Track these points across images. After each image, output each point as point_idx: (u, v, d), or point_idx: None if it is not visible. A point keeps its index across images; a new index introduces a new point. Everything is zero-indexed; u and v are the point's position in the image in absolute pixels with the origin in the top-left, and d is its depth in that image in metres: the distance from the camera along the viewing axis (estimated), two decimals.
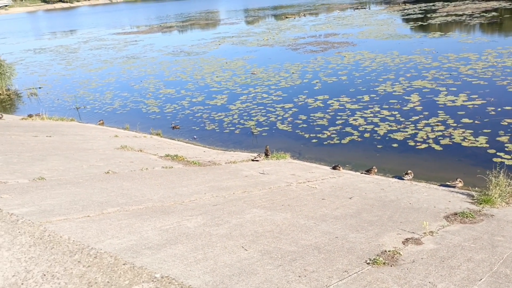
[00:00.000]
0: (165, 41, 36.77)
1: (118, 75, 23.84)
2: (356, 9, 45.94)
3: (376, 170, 9.21)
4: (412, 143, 10.71)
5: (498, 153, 9.55)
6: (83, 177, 6.70)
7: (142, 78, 22.33)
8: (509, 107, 12.18)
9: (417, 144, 10.61)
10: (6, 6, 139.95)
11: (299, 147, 11.50)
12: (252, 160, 9.86)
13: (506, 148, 9.74)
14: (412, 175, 8.83)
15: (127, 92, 19.67)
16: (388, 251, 4.22)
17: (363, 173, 9.27)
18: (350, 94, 15.44)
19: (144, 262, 3.61)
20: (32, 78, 25.09)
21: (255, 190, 6.75)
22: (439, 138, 10.75)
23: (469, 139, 10.46)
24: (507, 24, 26.70)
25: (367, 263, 3.92)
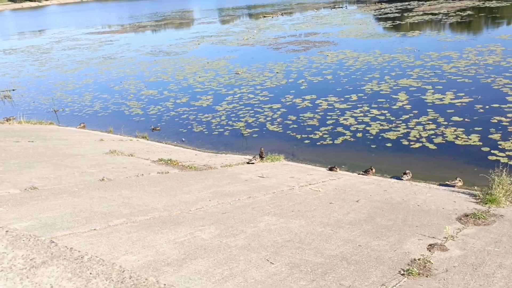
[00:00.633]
0: (142, 41, 36.06)
1: (96, 76, 23.16)
2: (333, 8, 46.18)
3: (374, 171, 9.11)
4: (406, 142, 10.68)
5: (493, 151, 9.59)
6: (78, 186, 6.32)
7: (122, 79, 21.75)
8: (497, 105, 12.30)
9: (411, 143, 10.58)
10: None
11: (292, 148, 11.32)
12: (248, 163, 9.61)
13: (500, 146, 9.80)
14: (411, 175, 8.76)
15: (107, 94, 19.10)
16: (418, 260, 4.06)
17: (361, 174, 9.15)
18: (338, 94, 15.36)
19: (169, 281, 3.33)
20: (4, 80, 24.17)
21: (260, 195, 6.52)
22: (432, 137, 10.75)
23: (462, 137, 10.49)
24: (482, 23, 27.23)
25: (402, 274, 3.74)
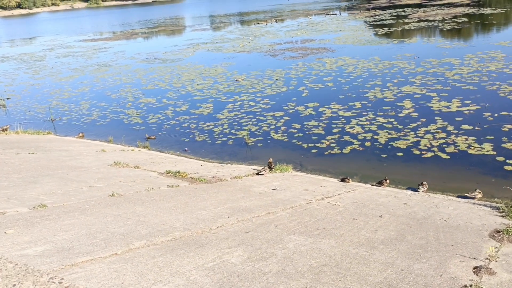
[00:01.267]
0: (136, 48, 35.71)
1: (92, 84, 22.75)
2: (327, 15, 46.19)
3: (389, 182, 8.86)
4: (417, 152, 10.44)
5: (508, 161, 9.38)
6: (88, 202, 5.98)
7: (118, 87, 21.38)
8: (505, 113, 12.15)
9: (423, 153, 10.35)
10: None
11: (300, 158, 11.04)
12: (257, 174, 9.31)
13: None
14: (427, 186, 8.51)
15: (105, 102, 18.71)
16: (469, 286, 3.79)
17: (375, 185, 8.90)
18: (341, 101, 15.14)
19: None
20: None
21: (279, 211, 6.22)
22: (444, 146, 10.53)
23: (474, 147, 10.29)
24: (479, 29, 27.29)
25: None
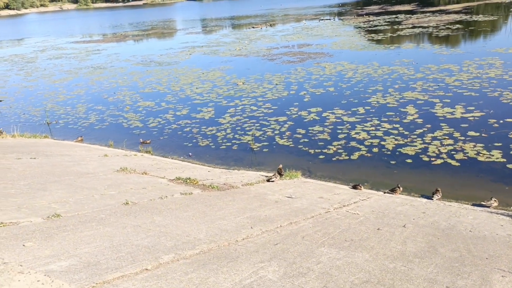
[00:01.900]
0: (131, 51, 35.35)
1: (87, 87, 22.38)
2: (321, 20, 46.26)
3: (402, 190, 8.73)
4: (426, 159, 10.35)
5: None
6: (103, 211, 5.73)
7: (115, 90, 21.06)
8: (510, 119, 12.13)
9: (432, 159, 10.26)
10: None
11: (307, 164, 10.88)
12: (268, 181, 9.13)
13: None
14: (441, 194, 8.40)
15: (102, 105, 18.39)
16: None
17: (387, 193, 8.77)
18: (343, 106, 15.04)
19: None
20: None
21: (301, 221, 6.05)
22: (453, 153, 10.45)
23: (483, 154, 10.23)
24: (474, 36, 27.48)
25: None
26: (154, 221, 5.46)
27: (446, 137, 11.40)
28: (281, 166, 9.66)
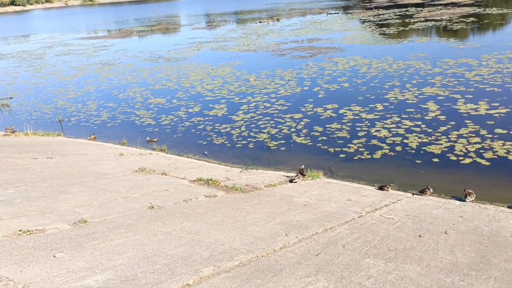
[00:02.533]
0: (138, 46, 35.04)
1: (97, 83, 22.10)
2: (329, 14, 45.75)
3: (432, 191, 8.38)
4: (454, 158, 9.98)
5: None
6: (129, 216, 5.45)
7: (125, 87, 20.77)
8: None
9: (460, 159, 9.89)
10: None
11: (328, 164, 10.54)
12: (290, 181, 8.81)
13: None
14: (474, 196, 8.05)
15: (113, 102, 18.11)
16: None
17: (416, 194, 8.41)
18: (360, 103, 14.67)
19: None
20: None
21: (336, 227, 5.73)
22: (481, 151, 10.08)
23: None
24: (490, 29, 26.97)
25: None
26: (184, 227, 5.16)
27: (473, 135, 11.02)
28: (303, 167, 9.34)
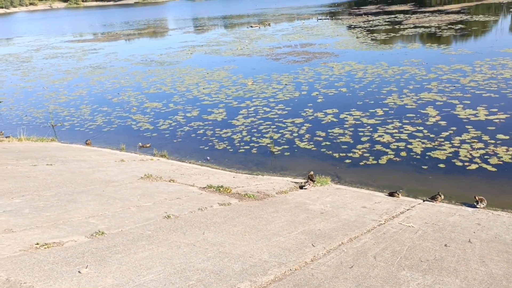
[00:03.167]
0: (129, 50, 34.66)
1: (89, 87, 21.71)
2: (320, 20, 45.90)
3: (443, 198, 8.30)
4: (460, 163, 9.95)
5: None
6: (147, 227, 5.23)
7: (118, 90, 20.44)
8: None
9: (466, 164, 9.87)
10: None
11: (334, 169, 10.42)
12: (300, 188, 8.67)
13: None
14: (486, 202, 7.99)
15: (107, 106, 17.78)
16: None
17: (427, 201, 8.34)
18: (360, 108, 14.62)
19: None
20: None
21: (360, 236, 5.60)
22: (486, 157, 10.08)
23: None
24: (479, 36, 27.29)
25: None
26: (207, 239, 4.96)
27: (475, 141, 11.03)
28: (312, 172, 9.20)
